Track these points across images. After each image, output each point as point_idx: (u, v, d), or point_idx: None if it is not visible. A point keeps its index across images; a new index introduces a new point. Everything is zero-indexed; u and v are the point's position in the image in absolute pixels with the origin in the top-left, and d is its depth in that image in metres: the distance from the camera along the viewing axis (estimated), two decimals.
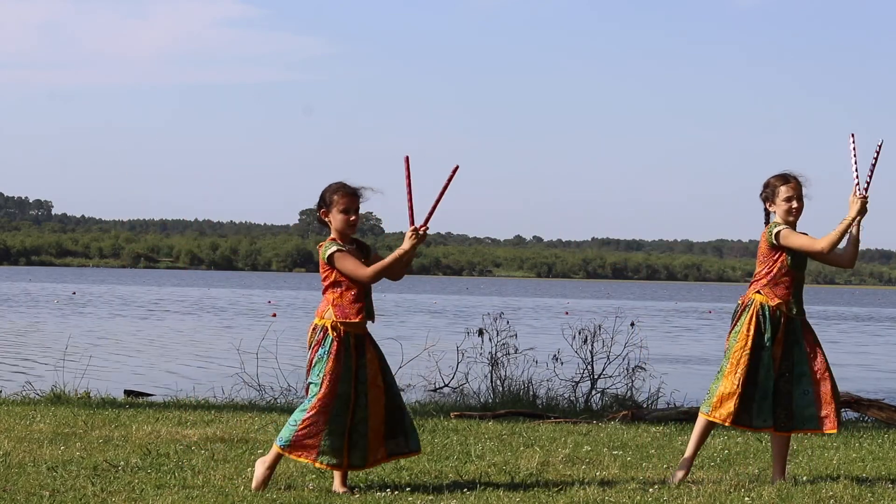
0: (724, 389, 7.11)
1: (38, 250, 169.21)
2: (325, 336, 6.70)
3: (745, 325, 7.16)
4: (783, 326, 7.13)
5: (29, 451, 7.97)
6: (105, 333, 29.40)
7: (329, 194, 6.81)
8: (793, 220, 7.16)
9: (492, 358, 13.58)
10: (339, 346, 6.67)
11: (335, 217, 6.79)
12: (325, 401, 6.63)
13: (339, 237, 6.81)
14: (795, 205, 7.13)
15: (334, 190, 6.81)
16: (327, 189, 6.83)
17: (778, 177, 7.20)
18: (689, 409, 11.50)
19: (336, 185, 6.83)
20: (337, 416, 6.64)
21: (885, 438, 9.75)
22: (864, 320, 52.13)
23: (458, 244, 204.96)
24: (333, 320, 6.70)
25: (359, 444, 6.70)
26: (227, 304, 52.08)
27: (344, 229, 6.79)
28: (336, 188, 6.81)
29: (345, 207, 6.77)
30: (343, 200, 6.77)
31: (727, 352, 7.19)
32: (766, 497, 6.67)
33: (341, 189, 6.80)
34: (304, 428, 6.64)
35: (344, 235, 6.81)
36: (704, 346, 30.62)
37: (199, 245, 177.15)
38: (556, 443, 9.02)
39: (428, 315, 44.04)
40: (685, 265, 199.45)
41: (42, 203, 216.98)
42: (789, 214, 7.15)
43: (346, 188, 6.81)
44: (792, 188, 7.15)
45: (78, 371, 13.99)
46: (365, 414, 6.71)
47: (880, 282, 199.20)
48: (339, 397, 6.65)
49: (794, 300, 7.16)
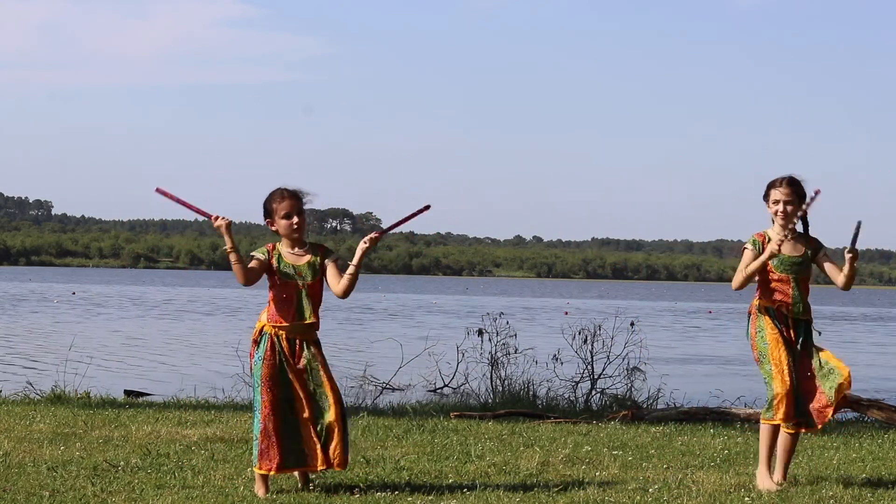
0: (777, 391, 7.03)
1: (38, 250, 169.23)
2: (260, 337, 6.77)
3: (767, 325, 7.12)
4: (792, 326, 7.12)
5: (29, 451, 7.97)
6: (105, 333, 29.39)
7: (269, 203, 6.83)
8: (782, 222, 7.16)
9: (492, 358, 13.58)
10: (272, 349, 6.72)
11: (279, 224, 6.80)
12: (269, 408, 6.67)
13: (288, 242, 6.81)
14: (782, 209, 7.14)
15: (273, 197, 6.82)
16: (267, 198, 6.84)
17: (775, 179, 7.20)
18: (689, 408, 11.50)
19: (275, 191, 6.84)
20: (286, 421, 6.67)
21: (885, 438, 9.75)
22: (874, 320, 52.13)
23: (458, 244, 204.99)
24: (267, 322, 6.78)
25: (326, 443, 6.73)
26: (228, 303, 52.06)
27: (289, 234, 6.79)
28: (275, 195, 6.81)
29: (286, 212, 6.77)
30: (283, 205, 6.78)
31: (762, 356, 7.11)
32: (766, 497, 6.68)
33: (279, 194, 6.81)
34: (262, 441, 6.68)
35: (293, 240, 6.80)
36: (704, 346, 30.63)
37: (199, 245, 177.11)
38: (556, 443, 9.02)
39: (428, 315, 44.05)
40: (685, 265, 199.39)
41: (42, 203, 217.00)
42: (777, 217, 7.17)
43: (285, 192, 6.81)
44: (781, 192, 7.14)
45: (78, 371, 13.99)
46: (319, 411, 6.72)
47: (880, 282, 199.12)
48: (282, 402, 6.68)
49: (795, 302, 7.13)
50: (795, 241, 7.18)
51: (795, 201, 7.13)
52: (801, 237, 7.22)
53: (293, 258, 6.80)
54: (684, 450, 8.77)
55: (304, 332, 6.78)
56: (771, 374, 7.06)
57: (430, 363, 15.55)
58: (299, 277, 6.75)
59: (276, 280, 6.77)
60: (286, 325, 6.74)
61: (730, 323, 45.25)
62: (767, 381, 7.08)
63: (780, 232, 7.13)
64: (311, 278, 6.78)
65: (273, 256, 6.79)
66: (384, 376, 16.35)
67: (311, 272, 6.79)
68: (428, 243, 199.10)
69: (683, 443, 9.20)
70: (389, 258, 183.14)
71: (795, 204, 7.13)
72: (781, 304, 7.12)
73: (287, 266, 6.77)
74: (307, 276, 6.77)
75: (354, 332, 30.26)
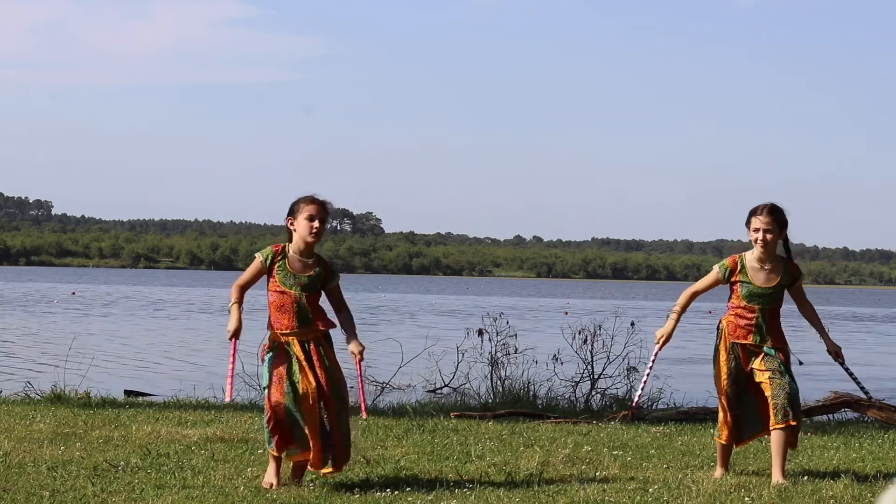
0: (720, 417, 7.35)
1: (38, 250, 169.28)
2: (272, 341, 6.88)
3: (721, 351, 7.32)
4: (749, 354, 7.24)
5: (29, 451, 7.97)
6: (105, 333, 29.39)
7: (297, 202, 6.99)
8: (760, 252, 7.22)
9: (492, 358, 13.58)
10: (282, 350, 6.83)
11: (299, 223, 6.93)
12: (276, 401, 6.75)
13: (300, 245, 6.92)
14: (761, 237, 7.20)
15: (302, 199, 7.00)
16: (297, 199, 7.01)
17: (756, 206, 7.28)
18: (689, 409, 11.50)
19: (307, 195, 7.02)
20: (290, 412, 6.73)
21: (885, 438, 9.75)
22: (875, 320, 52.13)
23: (458, 244, 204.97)
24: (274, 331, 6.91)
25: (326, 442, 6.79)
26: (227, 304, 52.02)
27: (306, 235, 6.91)
28: (306, 198, 7.00)
29: (310, 214, 6.93)
30: (310, 208, 6.94)
31: (715, 378, 7.37)
32: (766, 497, 6.68)
33: (310, 198, 6.99)
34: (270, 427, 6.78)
35: (305, 243, 6.92)
36: (704, 346, 30.59)
37: (199, 245, 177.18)
38: (556, 443, 9.02)
39: (428, 315, 44.04)
40: (685, 265, 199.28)
41: (42, 203, 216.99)
42: (756, 244, 7.23)
43: (315, 198, 6.99)
44: (761, 220, 7.21)
45: (78, 371, 13.98)
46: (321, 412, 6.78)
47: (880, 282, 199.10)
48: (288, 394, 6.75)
49: (757, 333, 7.23)
50: (771, 271, 7.23)
51: (775, 230, 7.20)
52: (782, 263, 7.27)
53: (299, 266, 6.86)
54: (684, 450, 8.77)
55: (312, 333, 6.86)
56: (719, 399, 7.36)
57: (430, 363, 15.54)
58: (298, 288, 6.81)
59: (275, 286, 6.86)
60: (288, 331, 6.83)
61: None
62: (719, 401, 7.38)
63: (758, 258, 7.22)
64: (311, 291, 6.86)
65: (276, 261, 6.84)
66: (384, 376, 16.36)
67: (313, 286, 6.86)
68: (428, 243, 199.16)
69: (683, 443, 9.20)
70: (389, 258, 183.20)
71: (775, 233, 7.19)
72: (740, 332, 7.20)
73: (288, 274, 6.82)
74: (307, 289, 6.84)
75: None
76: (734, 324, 7.26)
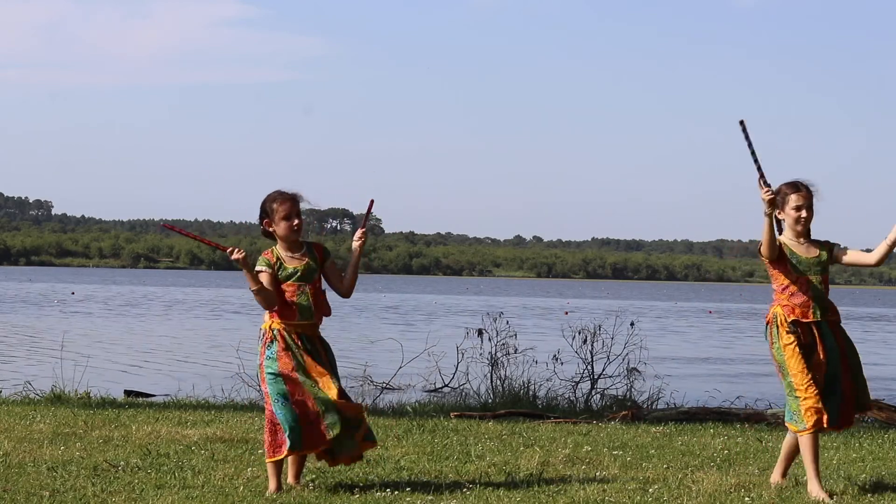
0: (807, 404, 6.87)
1: (38, 250, 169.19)
2: (271, 338, 6.79)
3: (782, 335, 6.98)
4: (816, 332, 7.03)
5: (29, 451, 7.97)
6: (105, 333, 29.39)
7: (268, 204, 6.87)
8: (801, 228, 7.09)
9: (492, 358, 13.58)
10: (284, 346, 6.75)
11: (279, 225, 6.84)
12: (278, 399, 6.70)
13: (285, 245, 6.85)
14: (804, 214, 7.07)
15: (272, 199, 6.87)
16: (265, 200, 6.89)
17: (789, 185, 7.12)
18: (689, 408, 11.50)
19: (273, 193, 6.90)
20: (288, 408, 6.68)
21: (885, 438, 9.75)
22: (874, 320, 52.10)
23: (458, 244, 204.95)
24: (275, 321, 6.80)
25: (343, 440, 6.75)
26: (227, 304, 52.06)
27: (288, 235, 6.83)
28: (274, 196, 6.87)
29: (286, 214, 6.83)
30: (283, 207, 6.83)
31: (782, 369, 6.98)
32: (766, 497, 6.68)
33: (279, 196, 6.86)
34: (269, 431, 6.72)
35: (291, 242, 6.85)
36: (704, 346, 30.63)
37: (198, 245, 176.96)
38: (556, 443, 9.02)
39: (428, 315, 44.04)
40: (685, 265, 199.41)
41: (42, 203, 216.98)
42: (797, 223, 7.08)
43: (284, 194, 6.87)
44: (802, 197, 7.07)
45: (78, 371, 13.98)
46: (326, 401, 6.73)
47: (880, 282, 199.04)
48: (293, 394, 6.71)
49: (815, 305, 7.06)
50: (809, 245, 7.12)
51: (812, 208, 7.11)
52: (814, 242, 7.17)
53: (293, 262, 6.83)
54: (684, 450, 8.77)
55: (312, 330, 6.84)
56: (793, 386, 6.92)
57: (430, 363, 15.54)
58: (299, 280, 6.78)
59: (280, 286, 6.81)
60: (293, 323, 6.77)
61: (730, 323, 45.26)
62: (789, 393, 6.94)
63: (793, 237, 7.09)
64: (312, 280, 6.81)
65: (275, 264, 6.82)
66: (384, 376, 16.36)
67: (311, 274, 6.82)
68: (428, 243, 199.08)
69: (683, 443, 9.20)
70: (389, 258, 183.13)
71: (811, 211, 7.09)
72: (798, 309, 7.03)
73: (287, 271, 6.80)
74: (308, 279, 6.80)
75: (354, 332, 30.26)
76: (789, 306, 7.01)
